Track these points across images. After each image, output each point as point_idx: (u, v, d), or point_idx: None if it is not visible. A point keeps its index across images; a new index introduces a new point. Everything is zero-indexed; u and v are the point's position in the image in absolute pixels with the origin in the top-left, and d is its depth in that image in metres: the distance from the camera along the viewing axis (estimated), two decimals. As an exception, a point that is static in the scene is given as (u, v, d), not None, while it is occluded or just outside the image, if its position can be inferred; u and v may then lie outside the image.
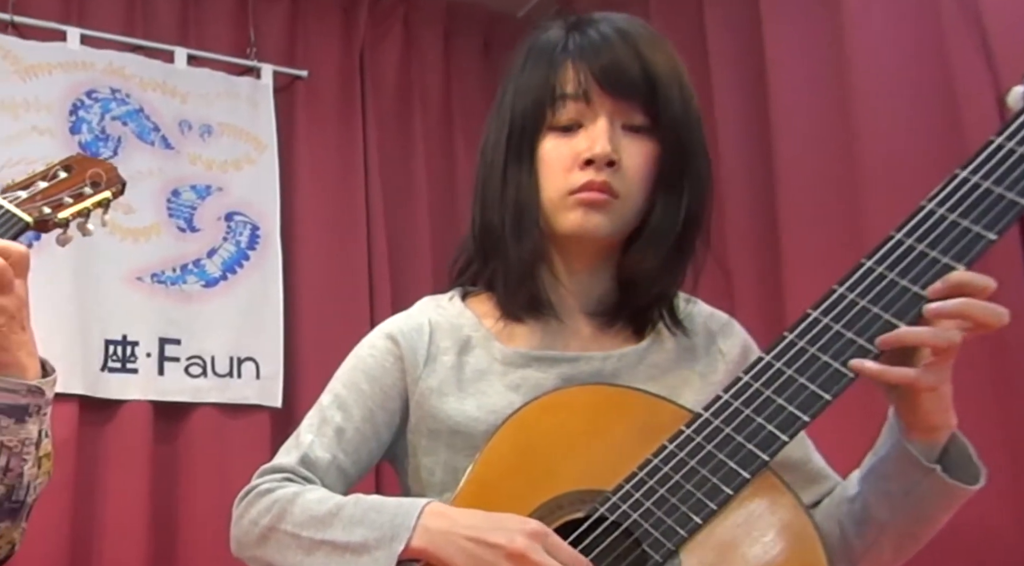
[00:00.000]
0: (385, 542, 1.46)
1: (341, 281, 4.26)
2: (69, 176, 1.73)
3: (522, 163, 1.65)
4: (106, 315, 3.80)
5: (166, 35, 4.17)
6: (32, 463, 1.60)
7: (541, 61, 1.65)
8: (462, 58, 4.87)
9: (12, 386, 1.54)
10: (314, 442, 1.69)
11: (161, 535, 3.74)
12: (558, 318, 1.70)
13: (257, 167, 4.21)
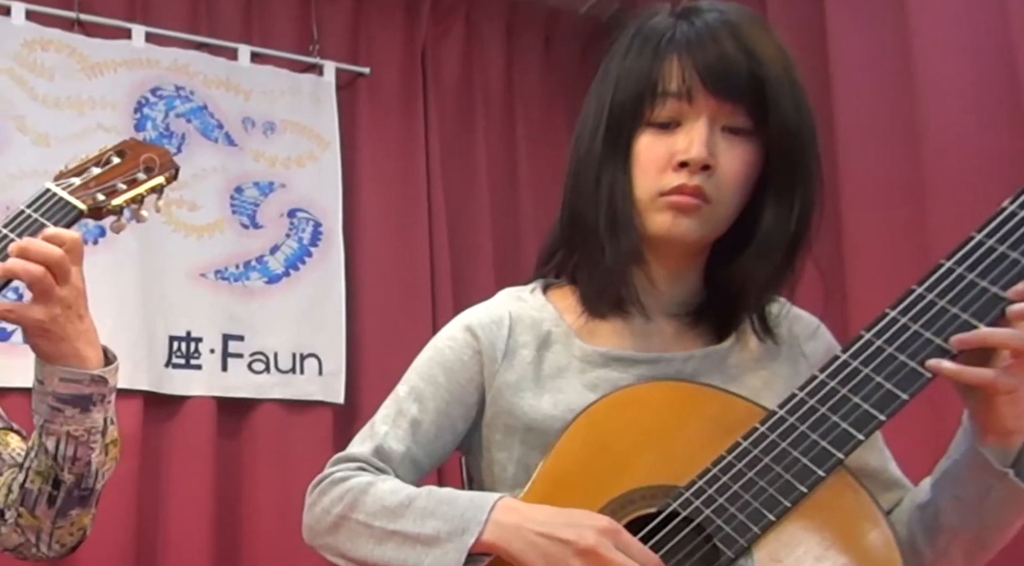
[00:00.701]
0: (456, 535, 1.45)
1: (403, 277, 4.27)
2: (122, 161, 1.72)
3: (617, 158, 1.61)
4: (170, 311, 3.83)
5: (230, 33, 4.19)
6: (99, 451, 1.62)
7: (646, 50, 1.59)
8: (524, 54, 4.87)
9: (75, 376, 1.57)
10: (389, 433, 1.68)
11: (224, 530, 3.77)
12: (642, 317, 1.67)
13: (320, 164, 4.23)
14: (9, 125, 3.66)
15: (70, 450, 1.60)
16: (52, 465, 1.62)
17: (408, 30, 4.56)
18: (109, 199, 1.66)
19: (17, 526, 1.68)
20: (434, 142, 4.48)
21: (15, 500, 1.66)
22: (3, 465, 1.73)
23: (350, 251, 4.23)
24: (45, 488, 1.64)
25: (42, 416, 1.60)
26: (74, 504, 1.66)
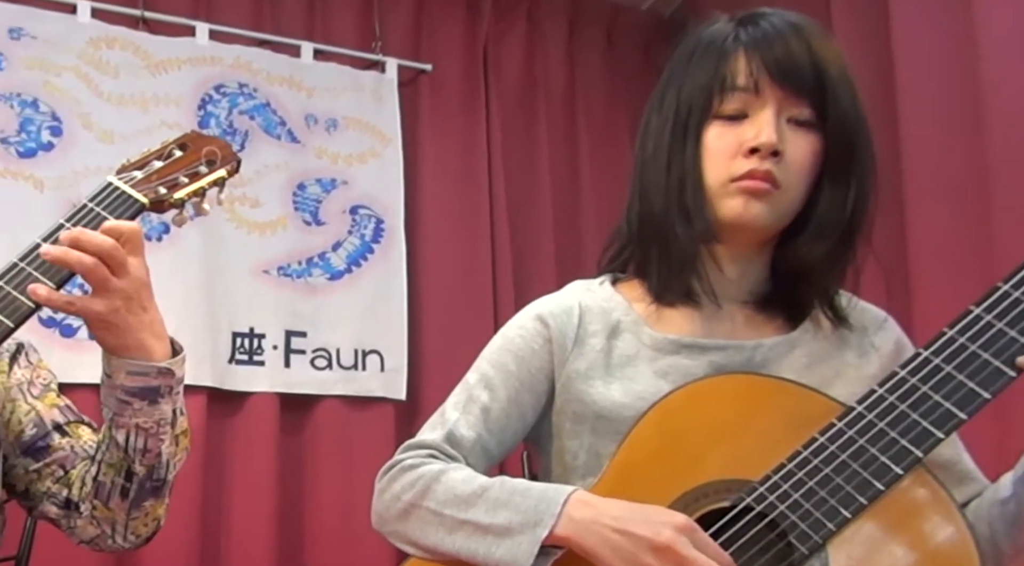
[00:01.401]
0: (529, 527, 1.45)
1: (465, 274, 4.28)
2: (184, 154, 1.72)
3: (686, 149, 1.63)
4: (233, 308, 3.85)
5: (293, 30, 4.21)
6: (169, 442, 1.65)
7: (711, 51, 1.63)
8: (586, 51, 4.86)
9: (142, 369, 1.58)
10: (459, 420, 1.69)
11: (287, 525, 3.79)
12: (712, 304, 1.68)
13: (382, 161, 4.24)
14: (75, 122, 3.69)
15: (140, 442, 1.62)
16: (123, 457, 1.63)
17: (470, 27, 4.57)
18: (171, 192, 1.67)
19: (93, 518, 1.70)
20: (496, 138, 4.49)
21: (89, 493, 1.68)
22: (76, 458, 1.75)
23: (412, 247, 4.24)
24: (118, 480, 1.65)
25: (111, 409, 1.62)
26: (147, 495, 1.68)
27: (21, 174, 3.57)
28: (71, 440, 1.77)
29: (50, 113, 3.67)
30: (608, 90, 4.81)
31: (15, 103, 3.62)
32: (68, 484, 1.73)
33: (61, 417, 1.80)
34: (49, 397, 1.82)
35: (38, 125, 3.64)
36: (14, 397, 1.77)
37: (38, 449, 1.75)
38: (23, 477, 1.76)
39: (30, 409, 1.77)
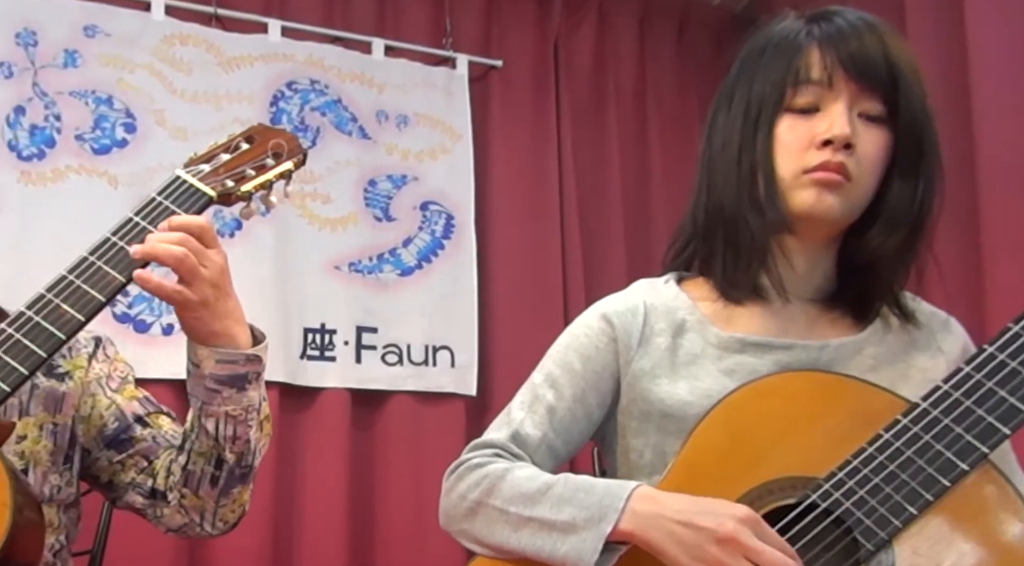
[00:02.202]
0: (593, 523, 1.46)
1: (535, 270, 4.28)
2: (251, 147, 1.74)
3: (758, 142, 1.64)
4: (305, 304, 3.88)
5: (364, 26, 4.22)
6: (255, 428, 1.69)
7: (783, 46, 1.64)
8: (657, 46, 4.84)
9: (230, 357, 1.62)
10: (525, 419, 1.71)
11: (358, 519, 3.81)
12: (781, 299, 1.68)
13: (452, 157, 4.25)
14: (148, 119, 3.73)
15: (229, 429, 1.65)
16: (213, 446, 1.66)
17: (541, 22, 4.56)
18: (238, 185, 1.69)
19: (181, 507, 1.73)
20: (566, 134, 4.48)
21: (177, 482, 1.71)
22: (159, 448, 1.79)
23: (482, 243, 4.25)
24: (208, 469, 1.68)
25: (199, 398, 1.65)
26: (236, 482, 1.72)
27: (96, 170, 3.61)
28: (152, 431, 1.81)
29: (124, 110, 3.71)
30: (679, 85, 4.79)
31: (90, 100, 3.66)
32: (152, 474, 1.76)
33: (141, 409, 1.83)
34: (128, 390, 1.85)
35: (112, 122, 3.68)
36: (94, 392, 1.79)
37: (121, 441, 1.78)
38: (107, 469, 1.79)
39: (110, 403, 1.80)
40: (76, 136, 3.62)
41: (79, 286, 1.51)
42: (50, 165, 3.56)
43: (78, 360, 1.80)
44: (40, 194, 3.51)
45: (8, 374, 1.44)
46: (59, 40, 3.65)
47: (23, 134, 3.54)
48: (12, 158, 3.49)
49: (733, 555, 1.35)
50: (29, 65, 3.59)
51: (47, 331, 1.48)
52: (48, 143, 3.57)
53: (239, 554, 3.54)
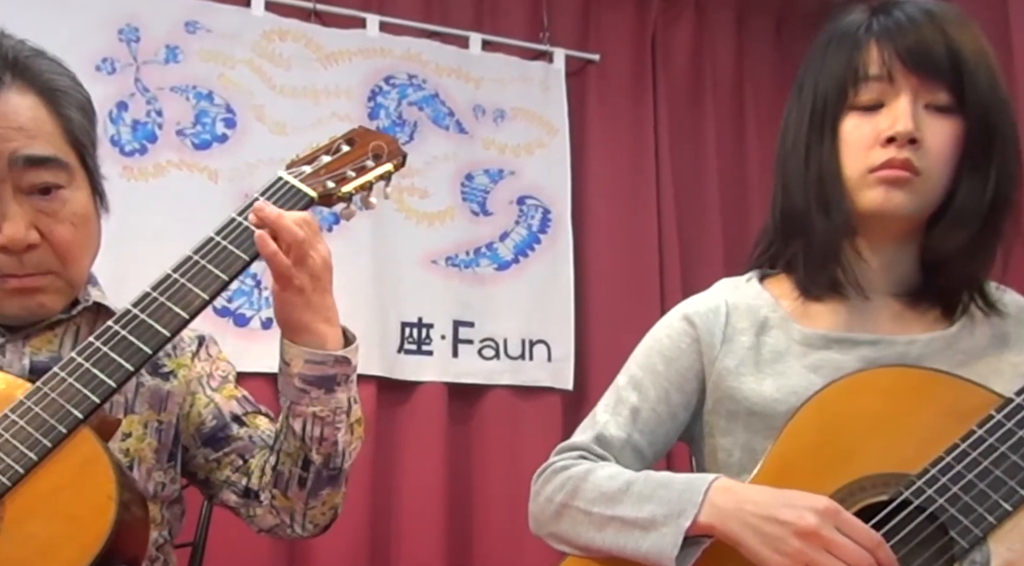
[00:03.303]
0: (672, 518, 1.46)
1: (631, 264, 4.26)
2: (352, 149, 1.74)
3: (824, 142, 1.63)
4: (402, 298, 3.89)
5: (462, 21, 4.23)
6: (345, 430, 1.69)
7: (845, 42, 1.63)
8: (754, 39, 4.80)
9: (319, 358, 1.62)
10: (609, 422, 1.72)
11: (455, 513, 3.83)
12: (861, 298, 1.66)
13: (549, 151, 4.24)
14: (248, 115, 3.76)
15: (317, 431, 1.65)
16: (300, 446, 1.66)
17: (638, 16, 4.53)
18: (339, 186, 1.69)
19: (272, 508, 1.74)
20: (663, 128, 4.45)
21: (268, 482, 1.72)
22: (255, 447, 1.80)
23: (579, 237, 4.24)
24: (295, 470, 1.69)
25: (288, 398, 1.65)
26: (324, 484, 1.71)
27: (196, 166, 3.66)
28: (249, 430, 1.82)
29: (224, 105, 3.75)
30: (777, 78, 4.73)
31: (191, 95, 3.71)
32: (247, 473, 1.77)
33: (239, 408, 1.84)
34: (227, 389, 1.86)
35: (213, 117, 3.72)
36: (194, 390, 1.81)
37: (218, 439, 1.80)
38: (203, 466, 1.81)
39: (209, 401, 1.81)
40: (177, 131, 3.66)
41: (183, 284, 1.53)
42: (151, 160, 3.61)
43: (182, 359, 1.82)
44: (141, 189, 3.56)
45: (114, 371, 1.45)
46: (161, 36, 3.70)
47: (125, 130, 3.59)
48: (115, 153, 3.54)
49: (814, 548, 1.35)
50: (131, 61, 3.64)
51: (152, 329, 1.49)
52: (150, 138, 3.62)
53: (338, 547, 3.56)
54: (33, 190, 1.56)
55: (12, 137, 1.53)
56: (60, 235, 1.60)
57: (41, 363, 1.63)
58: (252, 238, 1.56)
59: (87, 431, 1.41)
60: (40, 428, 1.39)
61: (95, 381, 1.44)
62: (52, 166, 1.57)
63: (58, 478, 1.37)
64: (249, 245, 1.56)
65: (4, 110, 1.53)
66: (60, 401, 1.41)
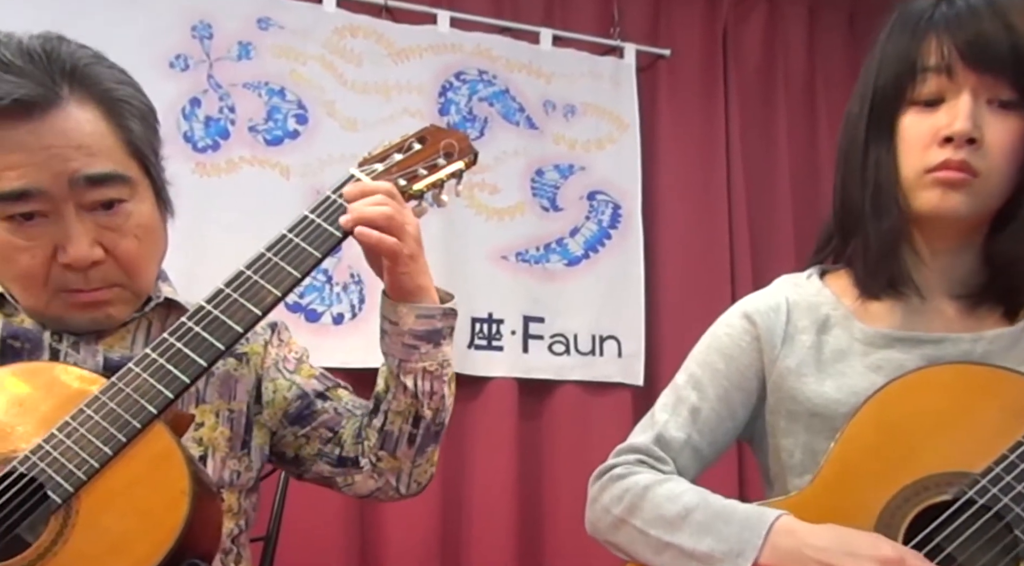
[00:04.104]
0: (731, 557, 1.46)
1: (702, 260, 4.23)
2: (423, 148, 1.74)
3: (882, 139, 1.60)
4: (473, 293, 3.88)
5: (532, 16, 4.20)
6: (448, 383, 1.73)
7: (905, 33, 1.58)
8: (827, 33, 4.73)
9: (428, 312, 1.66)
10: (668, 422, 1.70)
11: (526, 508, 3.82)
12: (920, 297, 1.62)
13: (619, 146, 4.21)
14: (319, 111, 3.76)
15: (427, 385, 1.68)
16: (412, 402, 1.69)
17: (709, 11, 4.49)
18: (411, 184, 1.70)
19: (375, 471, 1.77)
20: (734, 123, 4.42)
21: (373, 446, 1.74)
22: (341, 418, 1.81)
23: (649, 232, 4.21)
24: (405, 428, 1.71)
25: (397, 356, 1.67)
26: (430, 440, 1.74)
27: (268, 162, 3.66)
28: (333, 403, 1.84)
29: (296, 101, 3.75)
30: (850, 72, 4.66)
31: (263, 92, 3.71)
32: (339, 443, 1.80)
33: (320, 385, 1.86)
34: (304, 369, 1.88)
35: (285, 113, 3.73)
36: (273, 377, 1.83)
37: (304, 416, 1.81)
38: (292, 443, 1.83)
39: (290, 384, 1.83)
40: (249, 127, 3.67)
41: (256, 281, 1.54)
42: (224, 156, 3.62)
43: (255, 346, 1.83)
44: (214, 185, 3.58)
45: (188, 366, 1.47)
46: (233, 33, 3.71)
47: (198, 126, 3.60)
48: (187, 149, 3.55)
49: None
50: (204, 58, 3.65)
51: (225, 325, 1.51)
52: (222, 134, 3.64)
53: (409, 540, 3.58)
54: (96, 206, 1.55)
55: (72, 156, 1.51)
56: (124, 249, 1.59)
57: (113, 360, 1.64)
58: (324, 235, 1.58)
59: (161, 426, 1.42)
60: (115, 423, 1.40)
61: (169, 376, 1.45)
62: (114, 182, 1.55)
63: (132, 472, 1.38)
64: (321, 242, 1.58)
65: (64, 127, 1.51)
66: (134, 396, 1.42)
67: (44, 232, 1.54)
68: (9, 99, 1.47)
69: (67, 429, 1.40)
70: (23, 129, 1.49)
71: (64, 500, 1.35)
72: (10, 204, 1.51)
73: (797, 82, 4.64)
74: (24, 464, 1.37)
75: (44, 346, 1.64)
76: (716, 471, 1.79)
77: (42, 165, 1.49)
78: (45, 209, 1.52)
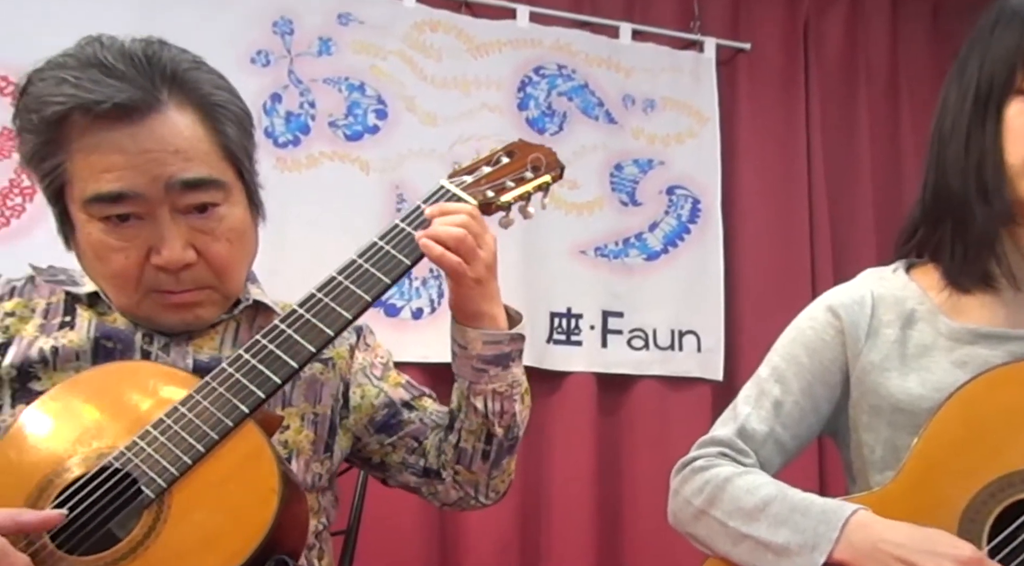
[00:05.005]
0: (807, 550, 1.46)
1: (782, 254, 4.18)
2: (511, 161, 1.77)
3: (986, 127, 1.57)
4: (551, 288, 3.86)
5: (612, 11, 4.16)
6: (519, 402, 1.76)
7: (1014, 23, 1.55)
8: (910, 26, 4.65)
9: (496, 338, 1.68)
10: (751, 415, 1.71)
11: (605, 503, 3.81)
12: (1012, 289, 1.60)
13: (699, 141, 4.17)
14: (399, 105, 3.76)
15: (497, 405, 1.71)
16: (483, 422, 1.73)
17: (790, 4, 4.42)
18: (498, 196, 1.73)
19: (455, 483, 1.81)
20: (815, 117, 4.35)
21: (450, 460, 1.79)
22: (427, 428, 1.86)
23: (729, 227, 4.16)
24: (479, 445, 1.76)
25: (467, 378, 1.72)
26: (505, 454, 1.79)
27: (348, 157, 3.67)
28: (419, 413, 1.88)
29: (376, 96, 3.74)
30: (933, 65, 4.58)
31: (343, 87, 3.71)
32: (424, 454, 1.84)
33: (406, 394, 1.90)
34: (391, 376, 1.92)
35: (364, 108, 3.72)
36: (361, 382, 1.86)
37: (391, 425, 1.86)
38: (378, 451, 1.87)
39: (378, 391, 1.87)
40: (329, 122, 3.67)
41: (347, 286, 1.57)
42: (304, 151, 3.62)
43: (340, 350, 1.86)
44: (295, 180, 3.58)
45: (280, 368, 1.50)
46: (314, 28, 3.71)
47: (279, 121, 3.61)
48: (268, 145, 3.55)
49: None
50: (285, 53, 3.65)
51: (317, 328, 1.54)
52: (303, 130, 3.64)
53: (487, 536, 3.58)
54: (190, 210, 1.58)
55: (169, 161, 1.53)
56: (216, 252, 1.62)
57: (203, 362, 1.68)
58: (413, 243, 1.61)
59: (252, 425, 1.45)
60: (207, 421, 1.43)
61: (261, 377, 1.49)
62: (208, 187, 1.58)
63: (223, 470, 1.41)
64: (411, 250, 1.61)
65: (162, 132, 1.53)
66: (227, 395, 1.46)
67: (138, 234, 1.57)
68: (110, 103, 1.49)
69: (161, 427, 1.43)
70: (122, 132, 1.51)
71: (157, 496, 1.37)
72: (107, 205, 1.54)
73: (879, 75, 4.56)
74: (119, 460, 1.40)
75: (136, 347, 1.67)
76: (797, 465, 1.78)
77: (140, 169, 1.52)
78: (140, 211, 1.55)
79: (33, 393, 1.56)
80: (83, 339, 1.65)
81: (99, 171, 1.52)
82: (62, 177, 1.57)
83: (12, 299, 1.70)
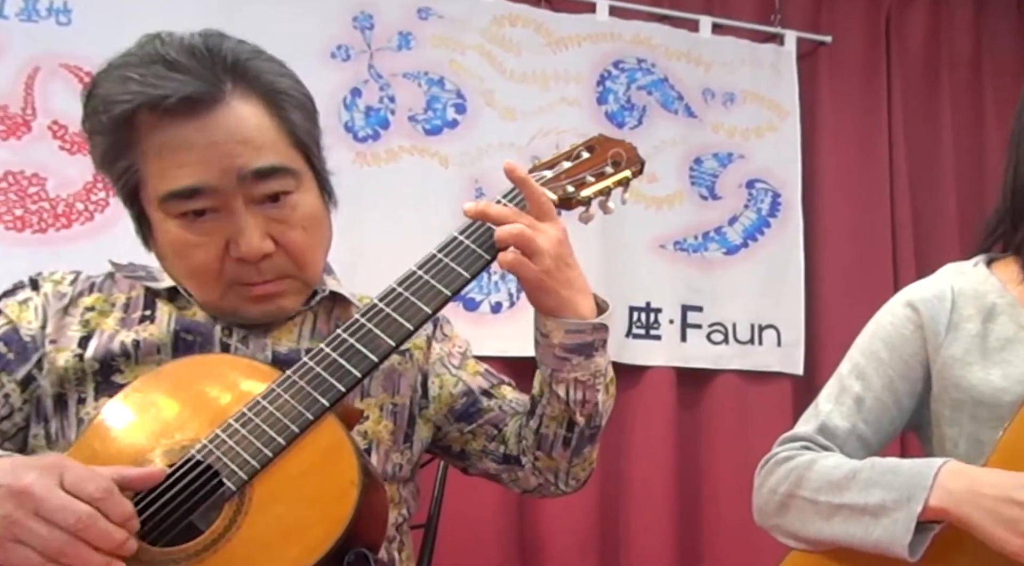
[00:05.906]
0: (903, 503, 1.44)
1: (863, 249, 4.11)
2: (591, 156, 1.75)
3: None
4: (630, 282, 3.83)
5: (692, 4, 4.12)
6: (602, 391, 1.72)
7: None
8: (994, 18, 4.55)
9: (578, 327, 1.64)
10: (832, 411, 1.71)
11: (685, 497, 3.79)
12: None
13: (779, 134, 4.12)
14: (479, 100, 3.74)
15: (579, 394, 1.68)
16: (564, 409, 1.70)
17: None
18: (578, 191, 1.71)
19: (535, 469, 1.81)
20: (897, 110, 4.27)
21: (530, 446, 1.78)
22: (506, 416, 1.86)
23: (809, 221, 4.10)
24: (560, 432, 1.74)
25: (549, 366, 1.69)
26: (586, 443, 1.76)
27: (427, 151, 3.66)
28: (498, 400, 1.88)
29: (455, 91, 3.73)
30: (1018, 59, 4.47)
31: (423, 81, 3.71)
32: (504, 441, 1.84)
33: (485, 382, 1.90)
34: (470, 365, 1.92)
35: (444, 103, 3.72)
36: (439, 372, 1.86)
37: (470, 413, 1.86)
38: (458, 439, 1.88)
39: (457, 380, 1.87)
40: (409, 117, 3.66)
41: (427, 281, 1.56)
42: (384, 146, 3.62)
43: (418, 341, 1.85)
44: (374, 174, 3.58)
45: (360, 361, 1.49)
46: (394, 23, 3.70)
47: (359, 116, 3.61)
48: (348, 139, 3.56)
49: None
50: (365, 48, 3.65)
51: (396, 322, 1.53)
52: (382, 124, 3.64)
53: (567, 530, 3.58)
54: (264, 199, 1.58)
55: (239, 152, 1.54)
56: (293, 240, 1.62)
57: (281, 354, 1.69)
58: (492, 238, 1.59)
59: (332, 418, 1.45)
60: (288, 414, 1.43)
61: (341, 371, 1.48)
62: (280, 175, 1.58)
63: (304, 463, 1.41)
64: (490, 246, 1.59)
65: (228, 123, 1.54)
66: (308, 389, 1.46)
67: (216, 227, 1.57)
68: (176, 97, 1.50)
69: (243, 419, 1.43)
70: (190, 127, 1.52)
71: (238, 488, 1.38)
72: (182, 201, 1.54)
73: (962, 68, 4.47)
74: (201, 452, 1.41)
75: (215, 340, 1.68)
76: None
77: (211, 162, 1.53)
78: (215, 205, 1.55)
79: (116, 386, 1.56)
80: (163, 332, 1.66)
81: (171, 168, 1.53)
82: (135, 178, 1.57)
83: (92, 294, 1.70)
